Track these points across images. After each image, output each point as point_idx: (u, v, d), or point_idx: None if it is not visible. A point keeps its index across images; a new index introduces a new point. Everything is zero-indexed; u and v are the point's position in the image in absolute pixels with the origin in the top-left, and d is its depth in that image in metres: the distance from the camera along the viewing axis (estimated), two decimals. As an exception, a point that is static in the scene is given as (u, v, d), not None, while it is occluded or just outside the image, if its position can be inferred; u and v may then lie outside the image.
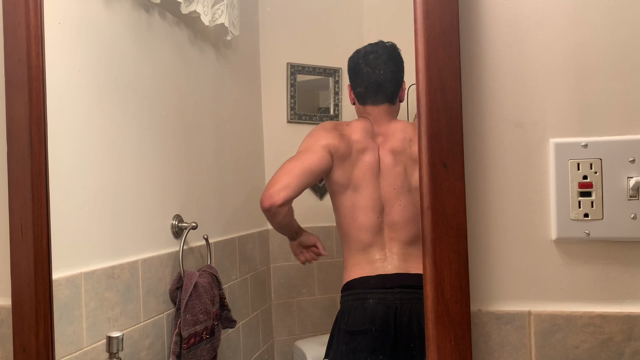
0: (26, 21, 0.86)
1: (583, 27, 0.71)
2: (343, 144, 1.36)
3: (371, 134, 1.36)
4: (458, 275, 0.70)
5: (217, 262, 1.48)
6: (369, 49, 1.38)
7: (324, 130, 1.39)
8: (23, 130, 0.86)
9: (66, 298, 0.97)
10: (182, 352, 1.24)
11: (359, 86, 1.40)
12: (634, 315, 0.69)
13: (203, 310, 1.29)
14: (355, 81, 1.41)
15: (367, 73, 1.40)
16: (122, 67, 1.16)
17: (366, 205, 1.32)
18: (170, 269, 1.29)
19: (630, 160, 0.70)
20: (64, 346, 0.96)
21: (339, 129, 1.39)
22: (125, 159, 1.17)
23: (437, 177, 0.71)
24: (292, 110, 1.73)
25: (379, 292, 1.30)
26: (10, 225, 0.86)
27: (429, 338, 0.72)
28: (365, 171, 1.34)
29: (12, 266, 0.86)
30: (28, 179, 0.85)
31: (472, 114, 0.73)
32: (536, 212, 0.72)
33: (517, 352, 0.72)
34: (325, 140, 1.36)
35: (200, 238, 1.42)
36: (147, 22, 1.26)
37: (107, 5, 1.12)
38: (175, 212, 1.33)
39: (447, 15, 0.70)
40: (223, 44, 1.60)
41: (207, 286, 1.33)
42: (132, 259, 1.16)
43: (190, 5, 1.33)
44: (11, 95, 0.86)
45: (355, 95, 1.41)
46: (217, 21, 1.45)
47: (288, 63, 1.72)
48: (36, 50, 0.86)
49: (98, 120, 1.09)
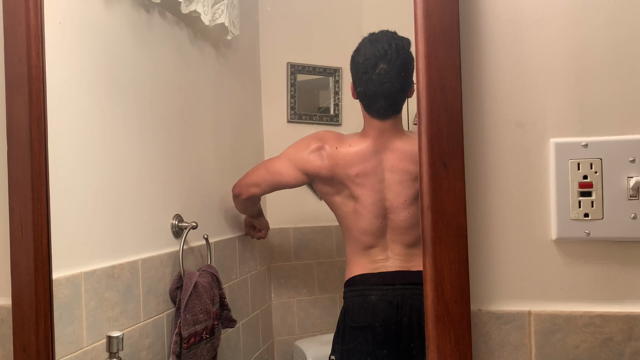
0: (26, 21, 0.86)
1: (583, 27, 0.71)
2: (325, 168, 1.32)
3: (373, 153, 1.30)
4: (458, 275, 0.70)
5: (217, 262, 1.48)
6: (378, 54, 1.25)
7: (309, 149, 1.35)
8: (23, 130, 0.86)
9: (66, 298, 0.97)
10: (182, 351, 1.24)
11: (360, 87, 1.32)
12: (634, 315, 0.69)
13: (203, 310, 1.29)
14: (359, 83, 1.31)
15: (373, 84, 1.28)
16: (122, 66, 1.16)
17: (368, 212, 1.31)
18: (170, 269, 1.29)
19: (630, 160, 0.70)
20: (64, 346, 0.96)
21: (329, 149, 1.32)
22: (126, 159, 1.16)
23: (437, 177, 0.71)
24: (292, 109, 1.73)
25: (380, 289, 1.31)
26: (10, 224, 0.86)
27: (429, 338, 0.72)
28: (365, 188, 1.30)
29: (12, 266, 0.86)
30: (28, 179, 0.85)
31: (472, 113, 0.73)
32: (536, 212, 0.72)
33: (517, 352, 0.72)
34: (303, 163, 1.35)
35: (200, 238, 1.42)
36: (147, 21, 1.26)
37: (107, 4, 1.12)
38: (175, 212, 1.33)
39: (448, 14, 0.70)
40: (223, 44, 1.60)
41: (207, 286, 1.33)
42: (132, 258, 1.16)
43: (190, 4, 1.33)
44: (11, 95, 0.86)
45: (358, 96, 1.33)
46: (217, 21, 1.45)
47: (288, 63, 1.72)
48: (36, 50, 0.86)
49: (98, 120, 1.09)
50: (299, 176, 1.36)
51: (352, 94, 1.34)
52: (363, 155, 1.31)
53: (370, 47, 1.28)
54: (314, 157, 1.34)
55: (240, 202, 1.50)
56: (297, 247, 1.62)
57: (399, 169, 1.29)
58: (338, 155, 1.32)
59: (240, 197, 1.47)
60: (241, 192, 1.46)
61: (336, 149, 1.33)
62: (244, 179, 1.46)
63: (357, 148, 1.32)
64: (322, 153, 1.33)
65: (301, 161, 1.36)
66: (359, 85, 1.31)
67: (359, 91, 1.32)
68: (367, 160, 1.30)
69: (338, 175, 1.32)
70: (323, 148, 1.34)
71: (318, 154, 1.34)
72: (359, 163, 1.31)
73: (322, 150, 1.34)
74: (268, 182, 1.43)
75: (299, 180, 1.37)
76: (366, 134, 1.32)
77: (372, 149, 1.31)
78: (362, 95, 1.31)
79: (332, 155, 1.32)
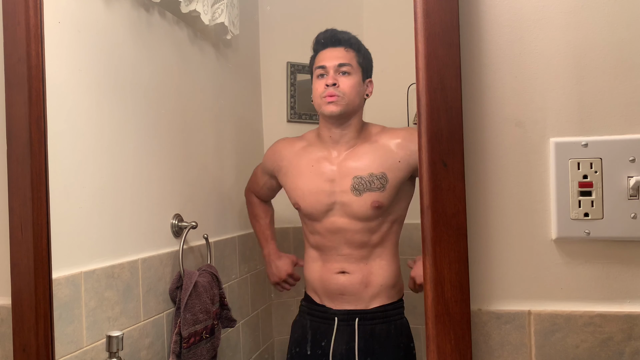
0: (26, 20, 0.86)
1: (583, 26, 0.71)
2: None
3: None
4: (458, 274, 0.70)
5: (217, 262, 1.48)
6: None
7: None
8: (23, 130, 0.86)
9: (66, 297, 0.97)
10: (182, 351, 1.24)
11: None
12: (634, 314, 0.69)
13: (203, 310, 1.29)
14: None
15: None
16: (122, 66, 1.16)
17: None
18: (170, 268, 1.29)
19: (630, 160, 0.70)
20: (63, 345, 0.96)
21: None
22: (125, 158, 1.16)
23: (437, 177, 0.71)
24: (292, 109, 1.73)
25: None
26: (10, 224, 0.86)
27: (429, 337, 0.72)
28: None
29: (12, 265, 0.86)
30: (28, 179, 0.85)
31: (472, 113, 0.73)
32: (536, 212, 0.72)
33: (517, 352, 0.72)
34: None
35: (200, 237, 1.42)
36: (147, 21, 1.26)
37: (107, 4, 1.12)
38: (175, 212, 1.33)
39: (447, 14, 0.70)
40: (223, 43, 1.60)
41: (207, 285, 1.33)
42: (132, 258, 1.16)
43: (190, 4, 1.33)
44: (11, 95, 0.86)
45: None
46: (217, 20, 1.45)
47: (288, 62, 1.72)
48: (36, 49, 0.86)
49: (98, 120, 1.09)
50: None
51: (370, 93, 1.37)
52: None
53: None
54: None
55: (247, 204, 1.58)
56: (297, 247, 1.62)
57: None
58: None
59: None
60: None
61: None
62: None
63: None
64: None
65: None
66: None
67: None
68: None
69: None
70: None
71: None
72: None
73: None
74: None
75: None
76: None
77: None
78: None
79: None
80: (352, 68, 1.30)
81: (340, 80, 1.29)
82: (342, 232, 1.31)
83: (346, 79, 1.29)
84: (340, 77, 1.29)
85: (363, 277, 1.31)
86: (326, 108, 1.29)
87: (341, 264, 1.32)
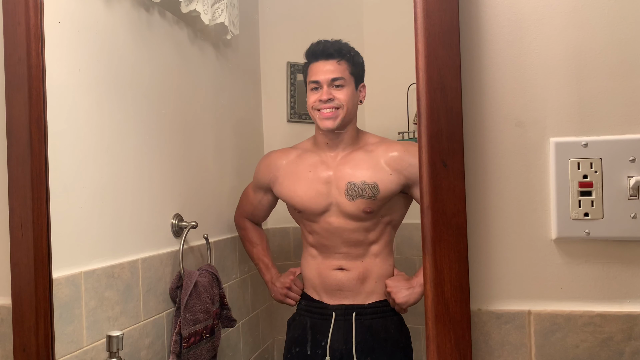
0: (26, 20, 0.86)
1: (583, 26, 0.71)
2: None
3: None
4: (458, 274, 0.70)
5: (217, 261, 1.48)
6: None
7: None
8: (23, 130, 0.86)
9: (66, 297, 0.97)
10: (182, 351, 1.24)
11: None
12: (634, 314, 0.69)
13: (203, 310, 1.29)
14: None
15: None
16: (122, 66, 1.16)
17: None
18: (170, 268, 1.29)
19: (630, 160, 0.70)
20: (64, 345, 0.96)
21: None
22: (125, 158, 1.16)
23: (437, 177, 0.71)
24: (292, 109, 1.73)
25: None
26: (10, 224, 0.86)
27: (429, 337, 0.72)
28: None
29: (12, 265, 0.86)
30: (28, 178, 0.85)
31: (472, 113, 0.73)
32: (536, 211, 0.72)
33: (517, 352, 0.72)
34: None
35: (200, 237, 1.42)
36: (147, 21, 1.26)
37: (107, 4, 1.12)
38: (175, 211, 1.33)
39: (448, 14, 0.70)
40: (223, 43, 1.60)
41: (207, 285, 1.33)
42: (132, 258, 1.16)
43: (190, 4, 1.33)
44: (11, 95, 0.86)
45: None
46: (217, 20, 1.45)
47: (288, 62, 1.72)
48: (36, 49, 0.86)
49: (98, 119, 1.09)
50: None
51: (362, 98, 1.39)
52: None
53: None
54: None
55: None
56: (297, 247, 1.63)
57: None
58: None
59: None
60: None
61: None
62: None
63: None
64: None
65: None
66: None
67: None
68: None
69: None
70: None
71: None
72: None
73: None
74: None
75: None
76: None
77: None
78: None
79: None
80: (345, 80, 1.33)
81: (335, 94, 1.32)
82: (338, 231, 1.34)
83: (340, 92, 1.32)
84: (334, 91, 1.32)
85: (360, 274, 1.34)
86: (322, 124, 1.34)
87: (339, 261, 1.35)
